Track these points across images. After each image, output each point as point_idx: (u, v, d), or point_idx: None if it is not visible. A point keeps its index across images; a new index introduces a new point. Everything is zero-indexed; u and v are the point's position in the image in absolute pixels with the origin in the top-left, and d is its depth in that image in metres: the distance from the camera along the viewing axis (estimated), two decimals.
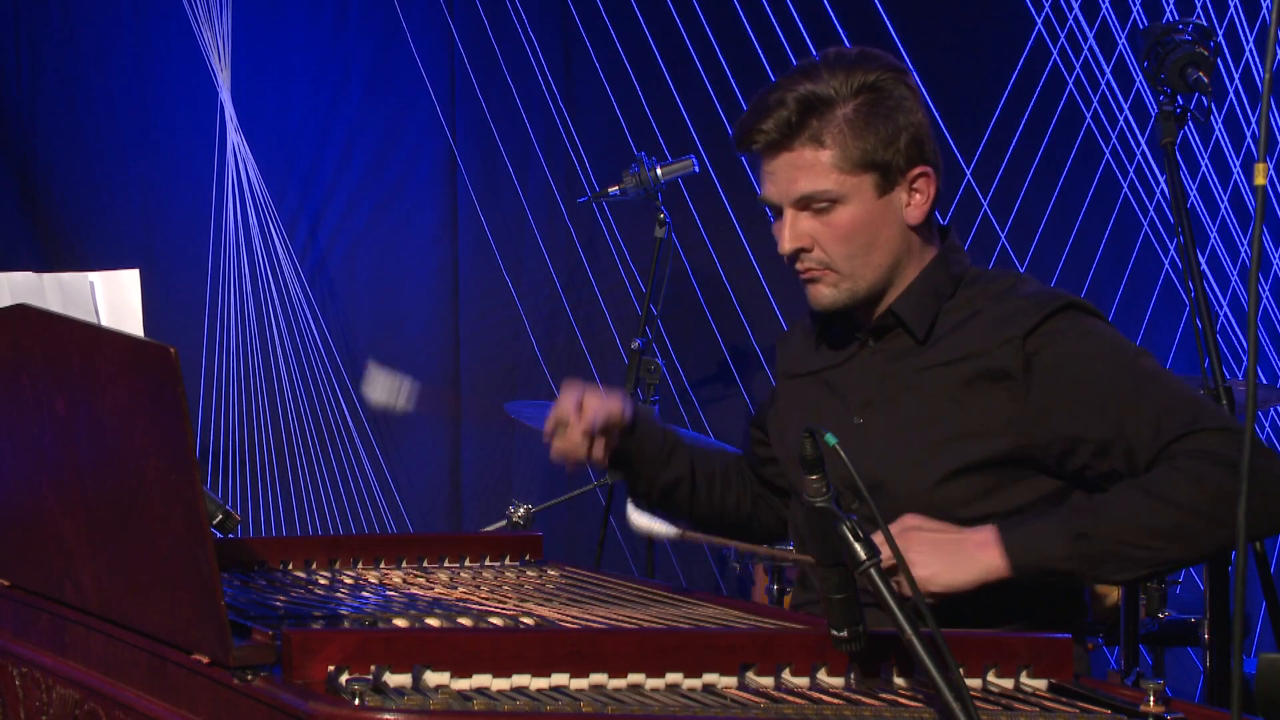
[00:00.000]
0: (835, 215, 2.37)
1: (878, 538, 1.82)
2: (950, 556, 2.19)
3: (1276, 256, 5.41)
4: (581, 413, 2.49)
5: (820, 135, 2.34)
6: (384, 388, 2.46)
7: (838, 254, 2.38)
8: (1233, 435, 2.23)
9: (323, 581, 2.34)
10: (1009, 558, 2.19)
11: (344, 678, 1.65)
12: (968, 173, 5.19)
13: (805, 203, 2.38)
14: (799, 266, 2.42)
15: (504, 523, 4.09)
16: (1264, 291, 5.39)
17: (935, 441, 2.34)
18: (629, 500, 2.41)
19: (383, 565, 2.50)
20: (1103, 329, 2.36)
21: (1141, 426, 2.26)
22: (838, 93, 2.35)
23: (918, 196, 2.41)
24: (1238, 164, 5.34)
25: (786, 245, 2.40)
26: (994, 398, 2.32)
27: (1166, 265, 5.34)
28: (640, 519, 2.31)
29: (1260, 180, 1.64)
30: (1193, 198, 5.29)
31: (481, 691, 1.69)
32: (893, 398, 2.40)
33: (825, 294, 2.42)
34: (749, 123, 2.38)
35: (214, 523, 2.50)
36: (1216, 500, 2.17)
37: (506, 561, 2.59)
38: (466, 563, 2.58)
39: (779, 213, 2.42)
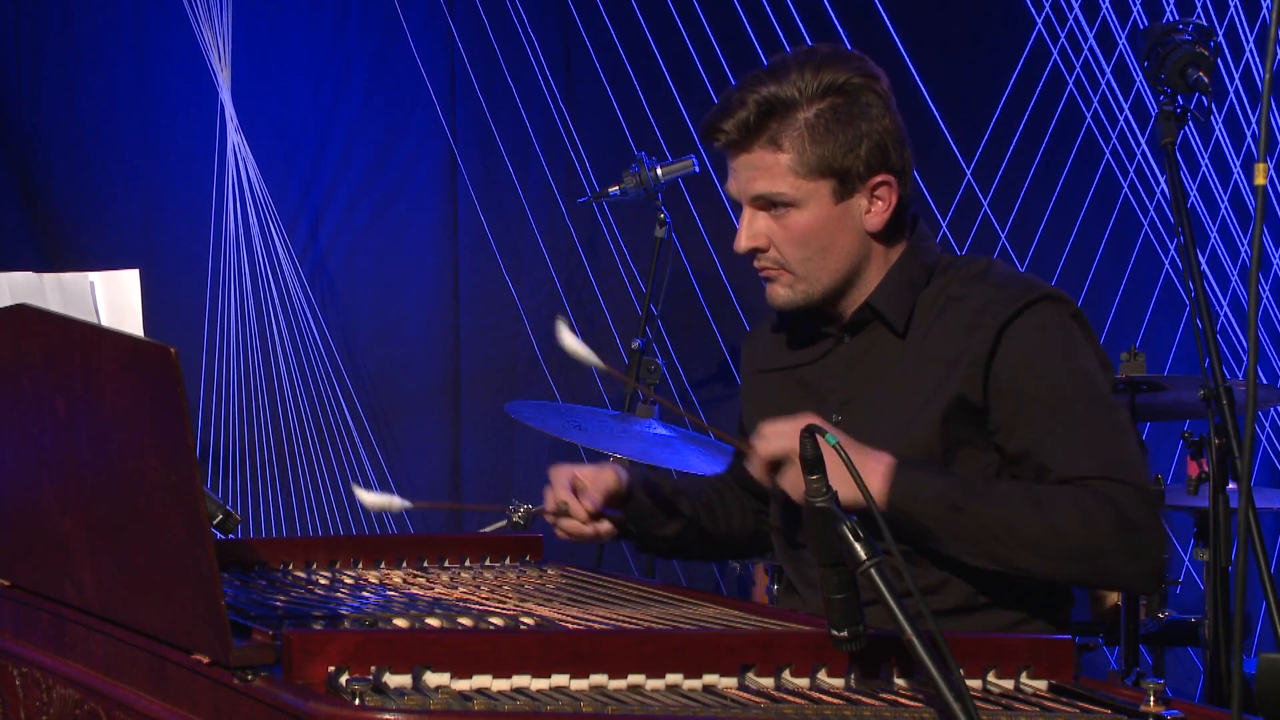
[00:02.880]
0: (791, 218, 2.38)
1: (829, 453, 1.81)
2: (841, 470, 2.19)
3: (1276, 256, 5.41)
4: (580, 495, 2.51)
5: (778, 138, 2.35)
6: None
7: (792, 256, 2.40)
8: (1139, 496, 2.24)
9: (323, 582, 2.34)
10: (892, 493, 2.21)
11: (344, 678, 1.65)
12: (968, 173, 5.19)
13: (762, 203, 2.39)
14: (756, 264, 2.45)
15: (504, 523, 4.09)
16: (1264, 291, 5.39)
17: (914, 431, 2.34)
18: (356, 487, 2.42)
19: (383, 565, 2.50)
20: (1068, 332, 2.35)
21: (1059, 452, 2.28)
22: (801, 94, 2.34)
23: (878, 204, 2.39)
24: (1238, 164, 5.34)
25: (742, 243, 2.42)
26: (963, 380, 2.33)
27: (1166, 265, 5.34)
28: (369, 497, 2.32)
29: (1260, 180, 1.64)
30: (1193, 198, 5.29)
31: (482, 692, 1.69)
32: (874, 394, 2.41)
33: (781, 294, 2.44)
34: (711, 120, 2.40)
35: (214, 523, 2.50)
36: (1090, 543, 2.20)
37: (507, 562, 2.60)
38: (467, 563, 2.58)
39: (740, 208, 2.44)
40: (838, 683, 1.84)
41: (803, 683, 1.82)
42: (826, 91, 2.35)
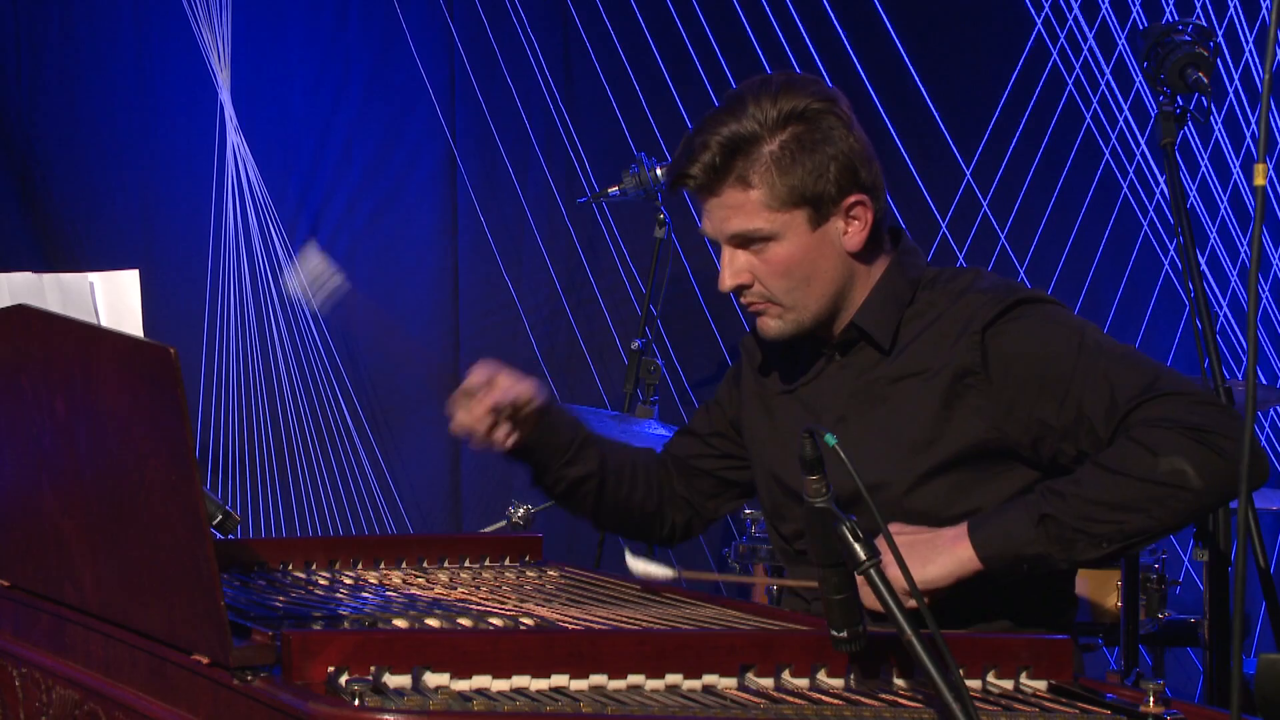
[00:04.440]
0: (770, 252, 2.37)
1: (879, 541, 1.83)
2: (923, 554, 2.20)
3: (1276, 256, 5.42)
4: (490, 388, 2.48)
5: (747, 175, 2.34)
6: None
7: (777, 288, 2.39)
8: (1186, 398, 2.22)
9: (322, 582, 2.34)
10: (978, 549, 2.21)
11: (344, 678, 1.65)
12: (968, 173, 5.19)
13: (739, 241, 2.38)
14: (743, 301, 2.43)
15: (504, 523, 4.09)
16: (1264, 291, 5.39)
17: (911, 447, 2.35)
18: (626, 549, 2.40)
19: (382, 566, 2.50)
20: (1057, 314, 2.37)
21: (1097, 403, 2.27)
22: (762, 126, 2.33)
23: (855, 224, 2.39)
24: (1237, 164, 5.34)
25: (726, 283, 2.41)
26: (962, 395, 2.33)
27: (1166, 265, 5.34)
28: (638, 564, 2.31)
29: (1260, 180, 1.64)
30: (1192, 198, 5.29)
31: (481, 692, 1.69)
32: (865, 410, 2.41)
33: (772, 325, 2.43)
34: (677, 167, 2.39)
35: (214, 523, 2.50)
36: (1172, 466, 2.17)
37: (506, 562, 2.60)
38: (466, 563, 2.58)
39: (717, 247, 2.43)
40: (837, 683, 1.84)
41: (802, 683, 1.82)
42: (787, 120, 2.34)
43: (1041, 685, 1.89)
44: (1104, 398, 2.26)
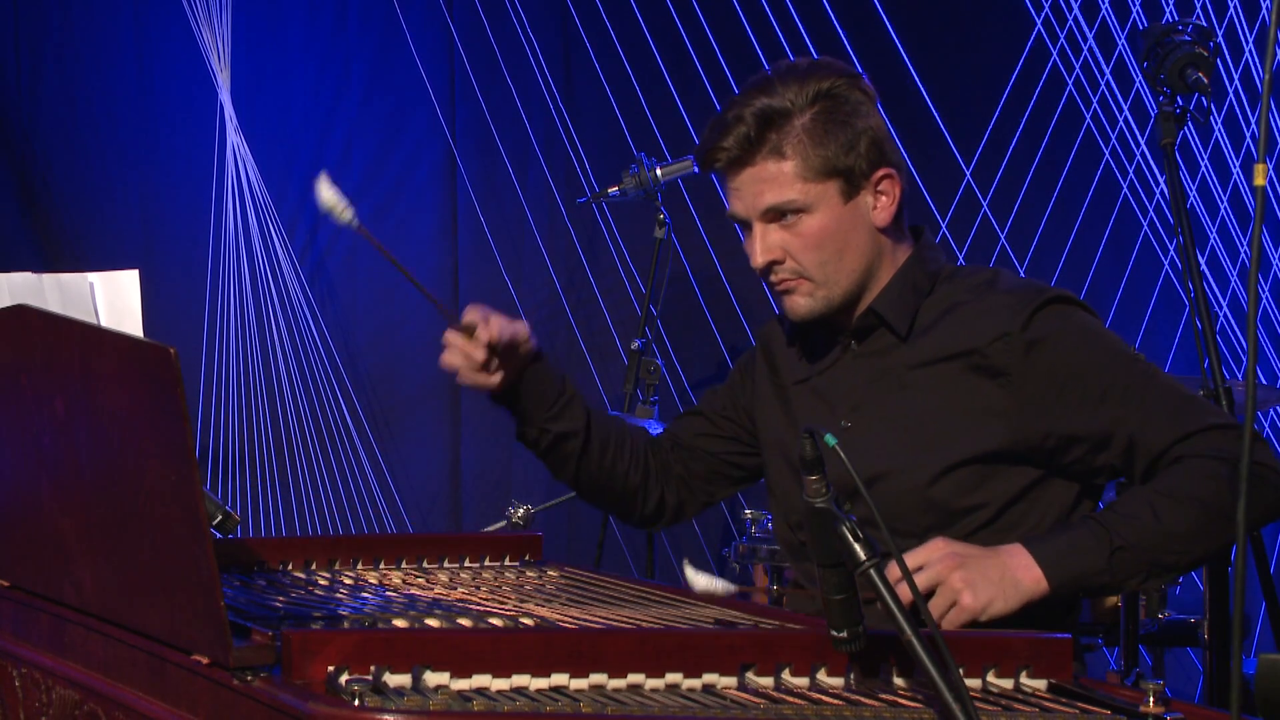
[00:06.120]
0: (804, 225, 2.38)
1: (894, 572, 1.83)
2: (998, 583, 2.18)
3: (1276, 256, 5.41)
4: (487, 325, 2.46)
5: (781, 147, 2.36)
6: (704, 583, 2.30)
7: (810, 262, 2.39)
8: (1237, 432, 2.26)
9: (322, 582, 2.35)
10: (1049, 578, 2.21)
11: (344, 678, 1.65)
12: (968, 173, 5.19)
13: (773, 215, 2.39)
14: (773, 279, 2.43)
15: (504, 523, 4.09)
16: (1264, 291, 5.39)
17: (929, 438, 2.35)
18: (686, 563, 2.31)
19: (382, 565, 2.50)
20: (1094, 324, 2.39)
21: (1147, 424, 2.29)
22: (794, 104, 2.36)
23: (884, 199, 2.41)
24: (1237, 164, 5.34)
25: (759, 259, 2.41)
26: (987, 395, 2.33)
27: (1166, 265, 5.34)
28: (699, 579, 2.22)
29: (1260, 181, 1.64)
30: (1192, 198, 5.29)
31: (481, 692, 1.69)
32: (881, 398, 2.42)
33: (802, 304, 2.43)
34: (710, 142, 2.40)
35: (214, 523, 2.50)
36: (1234, 498, 2.19)
37: (506, 562, 2.60)
38: (466, 563, 2.58)
39: (748, 228, 2.44)
40: (837, 682, 1.84)
41: (802, 682, 1.82)
42: (816, 98, 2.37)
43: (1041, 685, 1.89)
44: (1156, 420, 2.28)
